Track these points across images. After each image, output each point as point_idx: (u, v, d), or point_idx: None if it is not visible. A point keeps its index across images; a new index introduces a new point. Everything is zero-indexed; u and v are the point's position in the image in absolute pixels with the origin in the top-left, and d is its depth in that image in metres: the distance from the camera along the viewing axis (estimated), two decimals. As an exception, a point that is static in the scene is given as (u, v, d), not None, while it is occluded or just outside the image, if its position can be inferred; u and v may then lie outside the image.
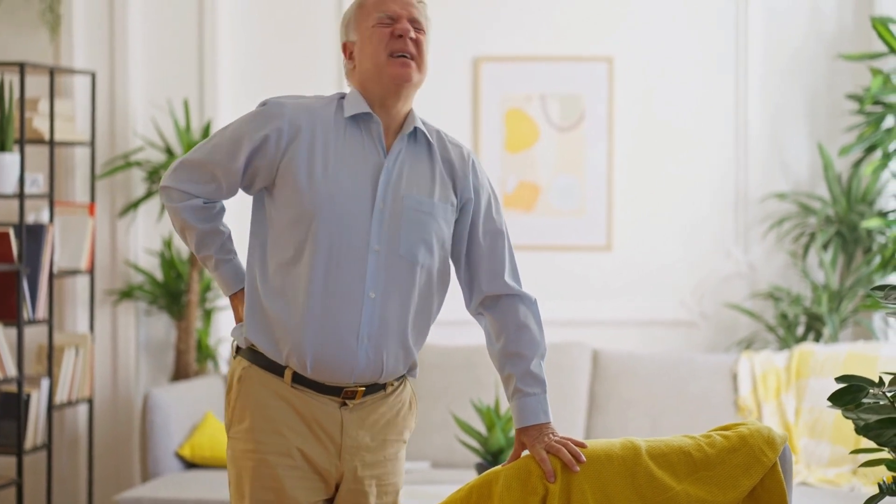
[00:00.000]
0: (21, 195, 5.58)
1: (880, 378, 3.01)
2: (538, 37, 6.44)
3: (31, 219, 5.82)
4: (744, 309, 6.31)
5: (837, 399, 3.01)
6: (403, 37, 3.09)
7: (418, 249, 3.09)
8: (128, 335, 6.39)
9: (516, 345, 3.15)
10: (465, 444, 5.07)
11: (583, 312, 6.41)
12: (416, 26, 3.12)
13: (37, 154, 6.15)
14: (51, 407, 5.77)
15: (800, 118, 6.40)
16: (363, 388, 3.09)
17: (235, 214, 3.63)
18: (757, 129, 6.39)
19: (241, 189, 3.14)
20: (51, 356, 5.78)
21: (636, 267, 6.43)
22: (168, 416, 5.77)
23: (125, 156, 6.32)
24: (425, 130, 3.17)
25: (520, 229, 6.26)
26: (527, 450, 3.06)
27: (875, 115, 5.90)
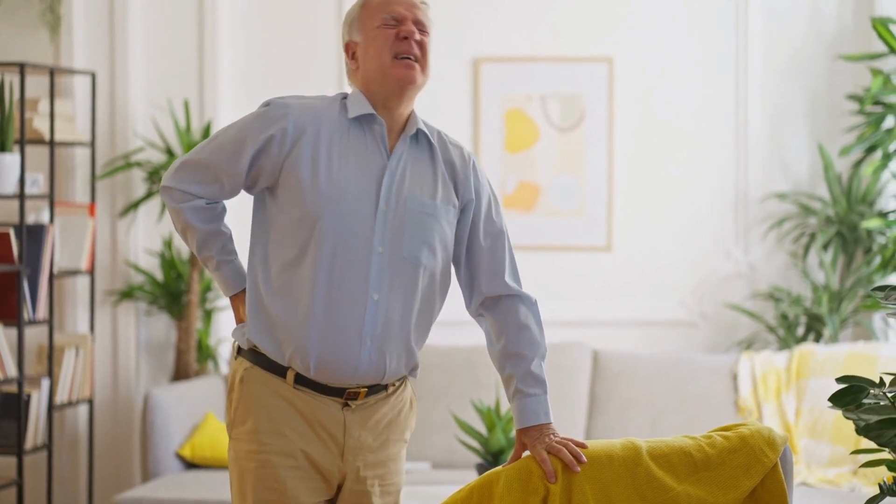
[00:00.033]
0: (21, 195, 5.58)
1: (881, 378, 3.01)
2: (538, 37, 6.44)
3: (32, 219, 5.82)
4: (744, 309, 6.31)
5: (838, 399, 3.01)
6: (408, 39, 3.08)
7: (421, 251, 3.09)
8: (128, 335, 6.39)
9: (517, 345, 3.15)
10: (466, 444, 5.07)
11: (583, 313, 6.41)
12: (420, 28, 3.11)
13: (37, 154, 6.15)
14: (51, 407, 5.77)
15: (800, 118, 6.40)
16: (365, 389, 3.09)
17: (236, 214, 3.62)
18: (757, 129, 6.39)
19: (243, 189, 3.13)
20: (51, 356, 5.78)
21: (636, 267, 6.43)
22: (168, 417, 5.77)
23: (125, 156, 6.32)
24: (427, 132, 3.17)
25: (520, 229, 6.26)
26: (527, 450, 3.06)
27: (875, 116, 5.90)
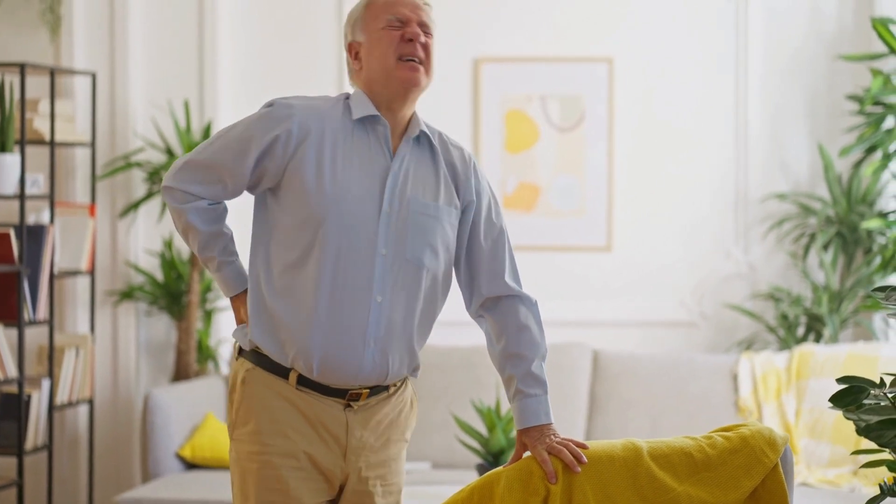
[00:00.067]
0: (21, 196, 5.58)
1: (881, 379, 3.01)
2: (538, 37, 6.44)
3: (32, 219, 5.82)
4: (744, 309, 6.31)
5: (838, 400, 3.01)
6: (413, 41, 3.08)
7: (424, 253, 3.09)
8: (128, 336, 6.39)
9: (517, 346, 3.15)
10: (466, 444, 5.07)
11: (583, 313, 6.41)
12: (424, 30, 3.11)
13: (37, 155, 6.15)
14: (51, 407, 5.77)
15: (800, 118, 6.40)
16: (367, 390, 3.09)
17: (236, 215, 3.62)
18: (757, 129, 6.39)
19: (245, 190, 3.12)
20: (51, 357, 5.78)
21: (636, 267, 6.43)
22: (168, 417, 5.77)
23: (125, 156, 6.32)
24: (429, 133, 3.16)
25: (520, 230, 6.26)
26: (528, 451, 3.06)
27: (875, 116, 5.90)
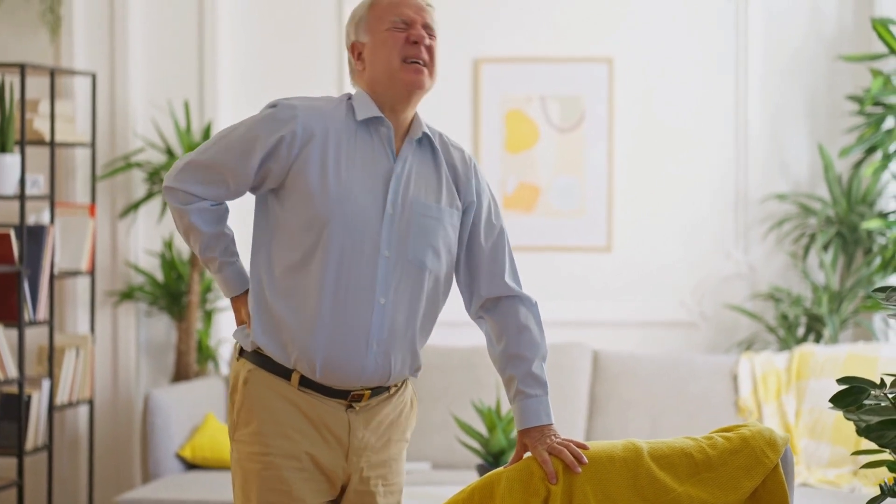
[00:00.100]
0: (22, 196, 5.58)
1: (882, 380, 3.01)
2: (538, 38, 6.44)
3: (32, 220, 5.82)
4: (744, 310, 6.31)
5: (839, 400, 3.01)
6: (419, 43, 3.08)
7: (426, 255, 3.08)
8: (128, 336, 6.39)
9: (517, 346, 3.15)
10: (466, 445, 5.07)
11: (583, 313, 6.41)
12: (429, 32, 3.11)
13: (37, 155, 6.15)
14: (51, 408, 5.77)
15: (800, 119, 6.40)
16: (369, 391, 3.09)
17: (237, 215, 3.62)
18: (757, 130, 6.39)
19: (248, 191, 3.12)
20: (51, 357, 5.78)
21: (636, 267, 6.43)
22: (169, 418, 5.77)
23: (125, 157, 6.32)
24: (430, 135, 3.16)
25: (520, 230, 6.26)
26: (529, 451, 3.06)
27: (875, 117, 5.90)
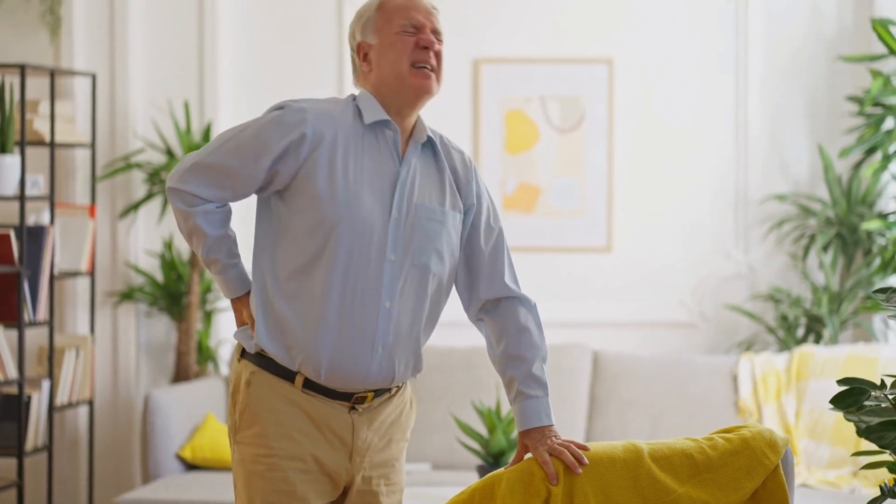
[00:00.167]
0: (22, 197, 5.58)
1: (882, 381, 3.01)
2: (538, 38, 6.44)
3: (32, 220, 5.82)
4: (744, 310, 6.31)
5: (839, 401, 3.01)
6: (428, 48, 3.08)
7: (430, 258, 3.09)
8: (128, 337, 6.39)
9: (517, 348, 3.15)
10: (466, 446, 5.07)
11: (583, 314, 6.40)
12: (437, 37, 3.11)
13: (37, 156, 6.15)
14: (51, 408, 5.77)
15: (800, 119, 6.40)
16: (372, 393, 3.10)
17: (237, 215, 3.61)
18: (757, 130, 6.39)
19: (253, 193, 3.11)
20: (51, 358, 5.78)
21: (636, 268, 6.43)
22: (169, 418, 5.77)
23: (125, 157, 6.32)
24: (433, 138, 3.16)
25: (520, 230, 6.26)
26: (529, 452, 3.06)
27: (875, 117, 5.90)
